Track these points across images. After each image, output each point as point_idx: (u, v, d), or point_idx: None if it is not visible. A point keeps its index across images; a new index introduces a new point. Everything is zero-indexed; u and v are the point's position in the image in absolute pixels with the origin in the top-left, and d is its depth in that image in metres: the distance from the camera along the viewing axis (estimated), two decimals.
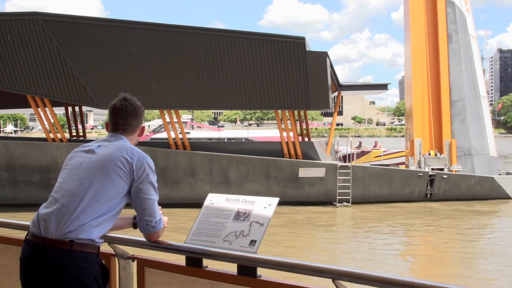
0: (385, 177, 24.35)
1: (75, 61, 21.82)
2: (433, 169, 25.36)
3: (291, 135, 23.57)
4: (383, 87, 31.12)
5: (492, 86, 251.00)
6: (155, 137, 33.74)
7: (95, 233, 3.04)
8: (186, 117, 54.67)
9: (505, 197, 25.30)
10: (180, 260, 3.33)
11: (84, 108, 29.30)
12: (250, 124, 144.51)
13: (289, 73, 22.13)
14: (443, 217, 21.60)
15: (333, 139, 27.77)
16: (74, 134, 28.63)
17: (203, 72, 22.21)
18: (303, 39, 22.33)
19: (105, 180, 3.09)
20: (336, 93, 29.36)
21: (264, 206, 3.24)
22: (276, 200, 3.26)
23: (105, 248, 3.38)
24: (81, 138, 27.54)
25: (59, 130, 23.11)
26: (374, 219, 21.24)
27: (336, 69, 29.48)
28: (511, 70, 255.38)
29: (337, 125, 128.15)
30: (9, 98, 25.87)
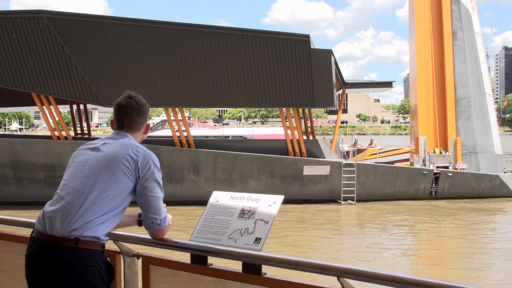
0: (390, 175, 24.32)
1: (80, 59, 21.88)
2: (438, 167, 25.31)
3: (296, 133, 23.57)
4: (388, 84, 31.11)
5: (497, 83, 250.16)
6: (152, 134, 33.33)
7: (100, 230, 3.04)
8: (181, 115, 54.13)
9: (510, 195, 25.19)
10: (185, 257, 3.33)
11: (89, 106, 29.38)
12: (255, 122, 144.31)
13: (293, 71, 22.13)
14: (448, 215, 21.55)
15: (338, 137, 27.74)
16: (78, 132, 28.70)
17: (207, 70, 22.23)
18: (307, 37, 22.32)
19: (110, 178, 3.09)
20: (341, 91, 29.36)
21: (269, 204, 3.23)
22: (281, 198, 3.25)
23: (110, 245, 3.38)
24: (86, 136, 27.62)
25: (64, 128, 23.18)
26: (379, 217, 21.21)
27: (341, 67, 29.49)
28: None
29: (342, 123, 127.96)
30: (14, 96, 25.98)
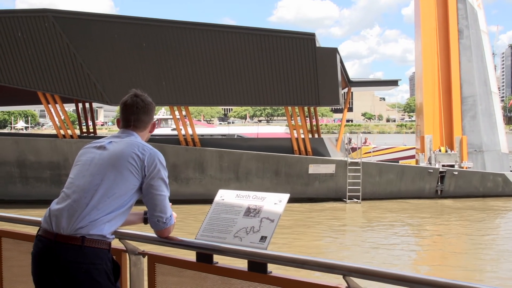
0: (395, 173, 24.28)
1: (85, 57, 21.92)
2: (443, 165, 25.26)
3: (301, 131, 23.55)
4: (393, 83, 31.01)
5: (504, 82, 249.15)
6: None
7: (106, 229, 3.05)
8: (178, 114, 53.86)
9: None
10: (191, 256, 3.33)
11: (94, 105, 29.45)
12: (260, 121, 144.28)
13: (299, 69, 22.11)
14: (454, 214, 21.51)
15: (343, 136, 27.71)
16: (84, 130, 28.77)
17: (212, 69, 22.23)
18: (313, 35, 22.29)
19: (116, 176, 3.10)
20: (346, 89, 29.30)
21: (274, 202, 3.23)
22: (287, 196, 3.25)
23: (116, 243, 3.39)
24: (92, 135, 27.67)
25: (69, 126, 23.22)
26: (385, 215, 21.18)
27: (346, 65, 29.44)
28: None
29: (347, 121, 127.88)
30: (20, 95, 26.05)
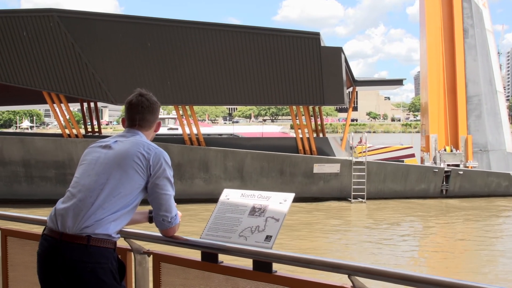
0: (400, 173, 24.24)
1: (90, 57, 21.95)
2: (448, 165, 25.20)
3: (306, 131, 23.53)
4: (398, 82, 30.93)
5: (509, 81, 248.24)
6: None
7: (112, 228, 3.05)
8: (175, 113, 53.68)
9: None
10: (196, 255, 3.33)
11: (99, 104, 29.48)
12: (265, 120, 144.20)
13: (303, 68, 22.09)
14: (460, 214, 21.45)
15: (348, 135, 27.67)
16: (89, 129, 28.83)
17: (217, 68, 22.24)
18: (317, 34, 22.27)
19: (122, 176, 3.10)
20: (351, 89, 29.26)
21: (279, 201, 3.23)
22: (291, 195, 3.25)
23: (121, 243, 3.40)
24: (97, 134, 27.73)
25: (74, 126, 23.26)
26: (389, 215, 21.15)
27: (351, 64, 29.38)
28: None
29: (352, 120, 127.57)
30: (25, 94, 26.12)
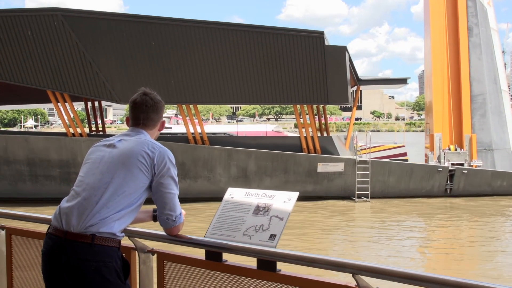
0: (404, 172, 24.20)
1: (95, 56, 21.99)
2: (453, 164, 25.14)
3: (310, 130, 23.53)
4: (402, 81, 30.93)
5: None
6: None
7: (116, 227, 3.06)
8: (171, 112, 53.51)
9: None
10: (200, 254, 3.34)
11: (104, 103, 29.53)
12: (269, 119, 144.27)
13: (307, 67, 22.08)
14: (464, 213, 21.41)
15: (352, 134, 27.67)
16: (93, 128, 28.87)
17: (221, 67, 22.24)
18: (322, 33, 22.25)
19: (126, 174, 3.10)
20: (355, 88, 29.25)
21: (284, 200, 3.23)
22: (296, 194, 3.25)
23: (125, 241, 3.40)
24: (101, 133, 27.77)
25: (78, 125, 23.32)
26: (394, 214, 21.13)
27: (355, 63, 29.38)
28: None
29: (356, 119, 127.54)
30: (29, 93, 26.18)
